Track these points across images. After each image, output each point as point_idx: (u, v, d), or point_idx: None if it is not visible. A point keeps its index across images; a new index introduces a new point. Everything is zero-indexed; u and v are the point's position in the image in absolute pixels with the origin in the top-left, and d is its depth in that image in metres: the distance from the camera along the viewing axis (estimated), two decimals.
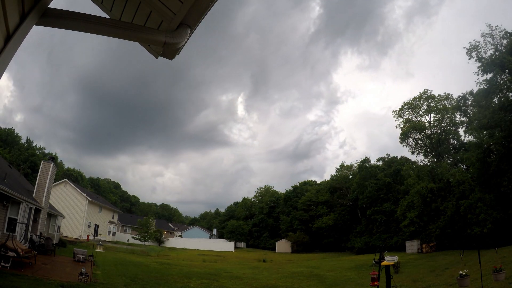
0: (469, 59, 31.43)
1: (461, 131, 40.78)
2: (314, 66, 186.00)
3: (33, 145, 73.36)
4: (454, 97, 41.55)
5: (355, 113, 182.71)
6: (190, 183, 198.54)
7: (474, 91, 33.13)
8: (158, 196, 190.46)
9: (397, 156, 55.85)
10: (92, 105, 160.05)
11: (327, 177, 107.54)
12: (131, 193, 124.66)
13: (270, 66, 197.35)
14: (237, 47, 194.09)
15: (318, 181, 78.91)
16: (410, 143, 44.15)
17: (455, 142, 42.31)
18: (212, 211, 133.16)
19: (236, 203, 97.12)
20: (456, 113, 39.74)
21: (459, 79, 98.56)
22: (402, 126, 44.99)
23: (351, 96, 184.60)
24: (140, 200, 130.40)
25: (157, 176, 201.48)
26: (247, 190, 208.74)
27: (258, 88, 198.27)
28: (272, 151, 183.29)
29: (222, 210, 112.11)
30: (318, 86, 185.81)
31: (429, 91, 44.56)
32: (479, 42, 31.04)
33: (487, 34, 30.40)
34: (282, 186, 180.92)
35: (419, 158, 45.93)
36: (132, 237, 55.80)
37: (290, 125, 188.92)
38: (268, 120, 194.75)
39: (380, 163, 57.22)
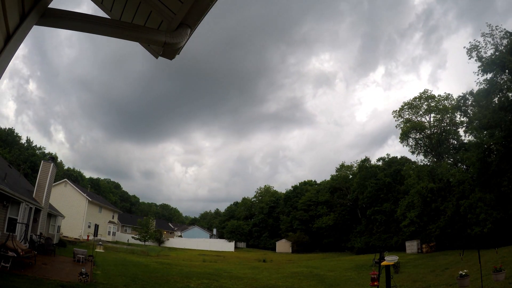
0: (469, 59, 31.45)
1: (461, 131, 40.80)
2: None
3: (33, 145, 73.41)
4: (454, 97, 41.60)
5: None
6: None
7: (474, 91, 33.15)
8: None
9: (397, 156, 55.97)
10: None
11: None
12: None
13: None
14: None
15: (318, 181, 78.93)
16: (410, 143, 44.17)
17: (455, 142, 42.29)
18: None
19: (236, 203, 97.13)
20: (456, 113, 39.70)
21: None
22: (402, 126, 45.00)
23: None
24: (140, 200, 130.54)
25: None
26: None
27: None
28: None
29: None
30: None
31: (429, 91, 44.65)
32: (479, 42, 31.06)
33: (487, 34, 30.40)
34: None
35: (419, 158, 46.00)
36: (132, 237, 55.79)
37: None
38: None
39: (380, 163, 57.25)
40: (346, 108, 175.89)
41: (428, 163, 41.93)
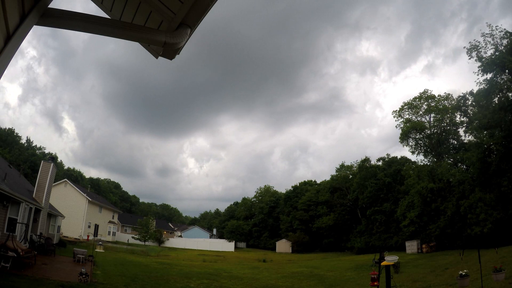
0: (469, 59, 31.45)
1: (461, 131, 40.78)
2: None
3: (33, 145, 73.41)
4: (454, 97, 41.60)
5: None
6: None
7: (474, 91, 33.15)
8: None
9: (397, 156, 55.97)
10: None
11: None
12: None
13: None
14: None
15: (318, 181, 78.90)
16: (410, 143, 44.17)
17: (455, 142, 42.27)
18: None
19: (236, 203, 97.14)
20: (456, 113, 39.71)
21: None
22: (402, 126, 45.00)
23: None
24: (140, 200, 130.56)
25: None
26: None
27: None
28: None
29: None
30: None
31: (429, 91, 44.64)
32: (479, 42, 31.06)
33: (487, 34, 30.40)
34: None
35: (419, 158, 45.99)
36: (132, 237, 55.80)
37: None
38: None
39: (380, 163, 57.23)
40: (386, 99, 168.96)
41: (428, 163, 41.92)
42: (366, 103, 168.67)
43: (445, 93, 44.20)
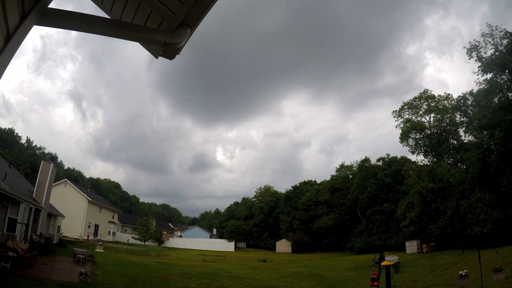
0: (469, 59, 31.45)
1: (461, 131, 40.75)
2: None
3: (33, 145, 73.41)
4: (454, 97, 41.59)
5: None
6: None
7: (474, 91, 33.14)
8: None
9: (397, 156, 55.91)
10: None
11: None
12: None
13: None
14: None
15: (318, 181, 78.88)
16: (410, 143, 44.15)
17: (455, 142, 42.25)
18: None
19: (236, 203, 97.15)
20: (456, 113, 39.70)
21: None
22: (402, 126, 44.98)
23: None
24: (140, 200, 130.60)
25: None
26: None
27: None
28: None
29: None
30: None
31: (429, 91, 44.60)
32: (479, 42, 31.06)
33: (487, 34, 30.39)
34: None
35: (419, 158, 45.92)
36: (132, 237, 55.78)
37: None
38: None
39: (380, 163, 57.21)
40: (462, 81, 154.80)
41: (428, 163, 41.92)
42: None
43: (445, 93, 44.25)
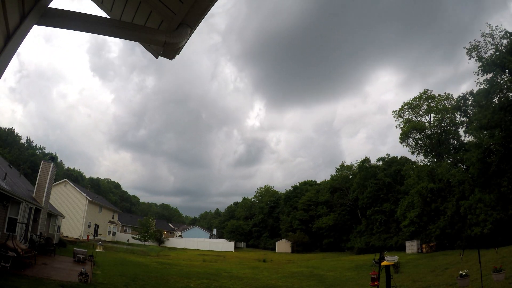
0: (469, 59, 31.45)
1: (461, 131, 40.76)
2: None
3: (33, 145, 73.42)
4: (454, 97, 41.59)
5: None
6: None
7: (474, 91, 33.13)
8: None
9: (397, 156, 55.90)
10: None
11: None
12: None
13: None
14: None
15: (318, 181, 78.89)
16: (410, 143, 44.16)
17: (455, 142, 42.26)
18: None
19: (236, 203, 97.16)
20: (456, 113, 39.71)
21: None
22: (402, 126, 44.99)
23: None
24: (140, 200, 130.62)
25: None
26: None
27: None
28: None
29: None
30: None
31: (429, 91, 44.62)
32: (479, 42, 31.05)
33: (487, 34, 30.38)
34: None
35: (419, 158, 45.93)
36: (132, 237, 55.79)
37: None
38: None
39: (380, 163, 57.20)
40: None
41: (428, 163, 41.92)
42: None
43: (445, 93, 44.25)
